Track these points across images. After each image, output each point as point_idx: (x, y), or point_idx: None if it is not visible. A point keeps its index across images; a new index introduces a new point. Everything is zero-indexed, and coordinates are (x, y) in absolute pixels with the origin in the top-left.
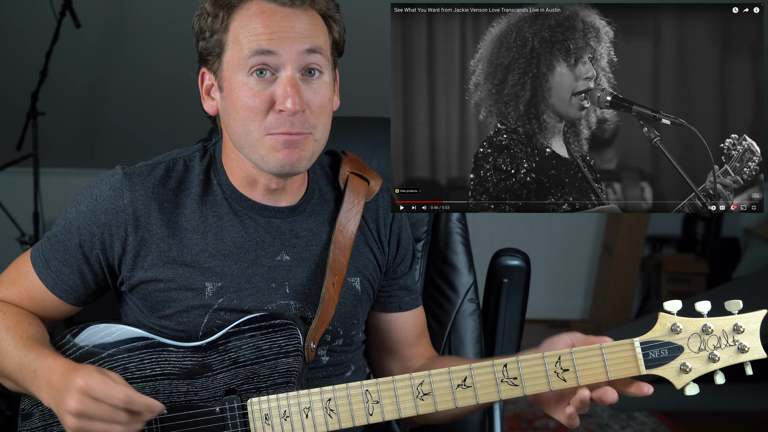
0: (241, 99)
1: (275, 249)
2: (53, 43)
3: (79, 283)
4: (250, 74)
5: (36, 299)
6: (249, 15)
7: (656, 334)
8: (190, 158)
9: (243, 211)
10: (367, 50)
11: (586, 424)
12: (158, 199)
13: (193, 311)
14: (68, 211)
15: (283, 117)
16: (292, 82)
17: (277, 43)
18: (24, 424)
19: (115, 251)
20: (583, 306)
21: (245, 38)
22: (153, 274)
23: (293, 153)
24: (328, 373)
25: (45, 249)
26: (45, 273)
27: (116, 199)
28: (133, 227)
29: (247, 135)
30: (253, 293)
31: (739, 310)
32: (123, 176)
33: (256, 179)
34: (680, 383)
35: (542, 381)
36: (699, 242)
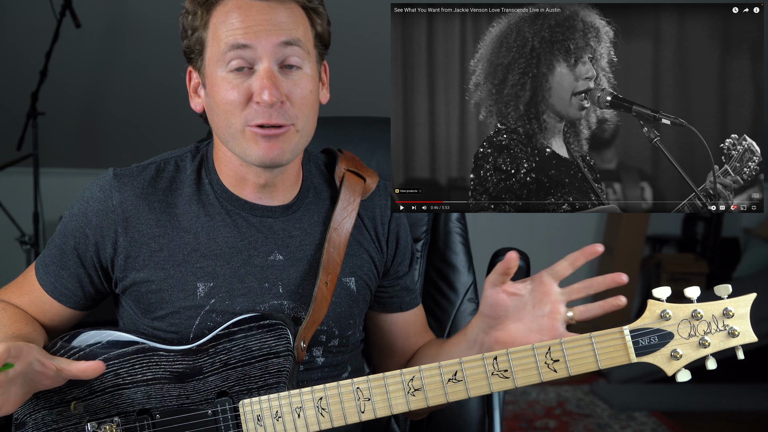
0: (221, 93)
1: (268, 248)
2: (53, 43)
3: (77, 286)
4: (229, 69)
5: (37, 304)
6: (226, 11)
7: (645, 321)
8: (181, 158)
9: (235, 211)
10: (367, 50)
11: (586, 424)
12: (148, 199)
13: (185, 312)
14: (65, 216)
15: (261, 108)
16: (269, 74)
17: (252, 36)
18: None
19: (107, 253)
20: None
21: (222, 34)
22: (145, 275)
23: (274, 146)
24: (324, 374)
25: (45, 255)
26: (44, 278)
27: (106, 201)
28: (123, 228)
29: (228, 128)
30: (245, 293)
31: (728, 294)
32: (113, 177)
33: (245, 176)
34: (671, 370)
35: (533, 372)
36: (699, 242)
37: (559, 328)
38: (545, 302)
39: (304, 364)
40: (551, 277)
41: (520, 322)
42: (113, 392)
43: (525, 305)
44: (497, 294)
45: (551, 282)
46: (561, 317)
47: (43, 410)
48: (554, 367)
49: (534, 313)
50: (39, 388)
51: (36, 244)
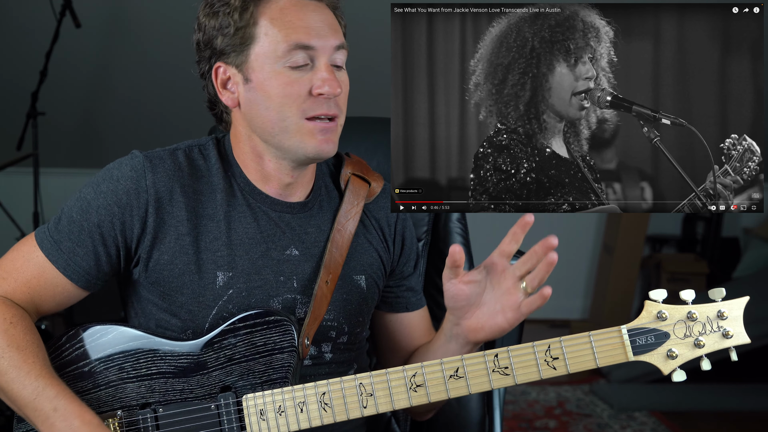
0: (278, 87)
1: (285, 243)
2: (53, 43)
3: (92, 264)
4: (290, 66)
5: (45, 285)
6: (280, 7)
7: (643, 321)
8: (204, 147)
9: (256, 204)
10: (367, 50)
11: (586, 424)
12: (180, 182)
13: (204, 301)
14: (84, 192)
15: (320, 100)
16: (330, 69)
17: (316, 37)
18: (20, 426)
19: (134, 231)
20: (583, 306)
21: (283, 31)
22: (169, 257)
23: (329, 140)
24: (331, 370)
25: (54, 232)
26: (56, 255)
27: (138, 180)
28: (154, 208)
29: (282, 122)
30: (261, 285)
31: (722, 297)
32: (144, 158)
33: (271, 173)
34: (667, 369)
35: (533, 370)
36: (699, 242)
37: (519, 303)
38: (502, 282)
39: (312, 359)
40: (501, 256)
41: (484, 306)
42: (117, 386)
43: (485, 290)
44: (454, 286)
45: (502, 260)
46: (519, 291)
47: None
48: (554, 364)
49: (494, 295)
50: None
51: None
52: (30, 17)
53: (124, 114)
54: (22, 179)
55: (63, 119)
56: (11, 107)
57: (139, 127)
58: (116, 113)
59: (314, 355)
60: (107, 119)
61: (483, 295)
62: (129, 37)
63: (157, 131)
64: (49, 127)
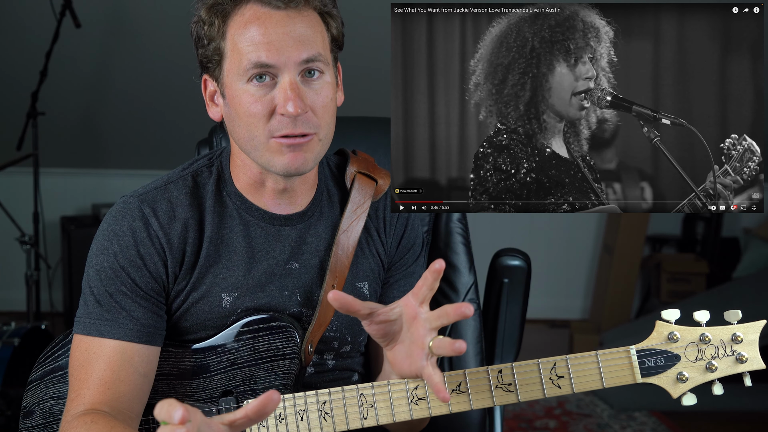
0: (243, 105)
1: (285, 257)
2: (53, 43)
3: (153, 317)
4: (249, 81)
5: (124, 369)
6: (244, 21)
7: (653, 342)
8: (197, 173)
9: (253, 221)
10: (367, 50)
11: (586, 424)
12: (180, 218)
13: (210, 324)
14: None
15: (285, 120)
16: (293, 85)
17: (275, 54)
18: (25, 422)
19: (160, 273)
20: (583, 306)
21: (243, 47)
22: (176, 290)
23: (298, 156)
24: (335, 376)
25: (98, 314)
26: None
27: (146, 229)
28: (168, 250)
29: (252, 140)
30: (268, 301)
31: (738, 320)
32: (140, 203)
33: (264, 181)
34: (677, 393)
35: (537, 387)
36: (699, 242)
37: (420, 358)
38: (414, 325)
39: (315, 366)
40: (414, 297)
41: (402, 344)
42: None
43: (401, 327)
44: (369, 327)
45: (414, 303)
46: (425, 344)
47: (51, 400)
48: (558, 383)
49: (409, 335)
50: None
51: (36, 244)
52: (30, 17)
53: (124, 114)
54: (22, 179)
55: (63, 119)
56: (11, 107)
57: (139, 128)
58: (116, 113)
59: (317, 362)
60: (107, 119)
61: (401, 333)
62: (129, 37)
63: (157, 131)
64: (49, 127)
